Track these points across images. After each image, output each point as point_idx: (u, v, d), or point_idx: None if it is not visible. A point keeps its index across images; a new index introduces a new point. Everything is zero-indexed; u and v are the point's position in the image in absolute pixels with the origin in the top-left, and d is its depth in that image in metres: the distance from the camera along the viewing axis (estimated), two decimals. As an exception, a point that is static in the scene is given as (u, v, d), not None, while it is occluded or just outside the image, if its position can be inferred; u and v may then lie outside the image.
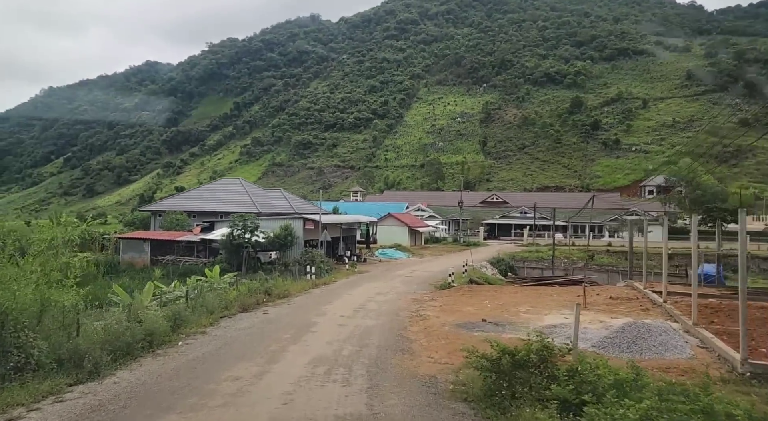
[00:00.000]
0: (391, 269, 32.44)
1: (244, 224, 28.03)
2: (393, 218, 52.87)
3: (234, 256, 28.74)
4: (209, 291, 17.25)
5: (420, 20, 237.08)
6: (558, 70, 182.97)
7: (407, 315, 16.46)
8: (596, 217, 68.63)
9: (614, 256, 46.25)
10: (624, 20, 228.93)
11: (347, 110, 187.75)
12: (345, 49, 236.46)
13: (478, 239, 63.40)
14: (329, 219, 33.85)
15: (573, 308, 10.66)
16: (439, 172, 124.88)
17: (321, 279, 25.65)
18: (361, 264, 35.69)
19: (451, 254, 44.29)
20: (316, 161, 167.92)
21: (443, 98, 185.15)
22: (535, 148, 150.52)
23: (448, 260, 38.98)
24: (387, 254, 42.50)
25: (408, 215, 59.50)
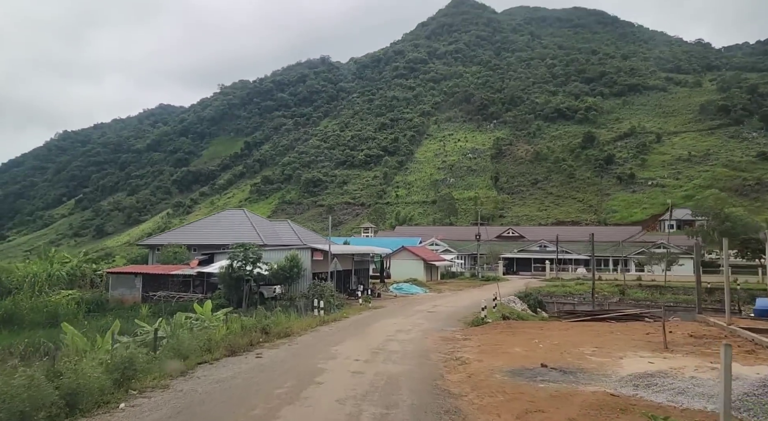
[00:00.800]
0: (409, 305, 29.46)
1: (244, 255, 25.15)
2: (407, 251, 49.81)
3: (233, 291, 25.74)
4: (189, 330, 13.93)
5: (429, 59, 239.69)
6: (568, 106, 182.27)
7: (440, 358, 13.36)
8: (620, 250, 64.97)
9: (647, 290, 42.65)
10: (632, 57, 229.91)
11: (357, 147, 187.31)
12: (355, 88, 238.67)
13: (497, 273, 59.90)
14: (340, 250, 30.86)
15: (651, 349, 7.53)
16: (452, 208, 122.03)
17: (331, 315, 22.75)
18: (375, 299, 32.62)
19: (472, 290, 41.02)
20: (326, 199, 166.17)
21: (453, 135, 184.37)
22: (548, 183, 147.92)
23: (469, 295, 35.84)
24: (402, 288, 39.32)
25: (423, 248, 56.44)
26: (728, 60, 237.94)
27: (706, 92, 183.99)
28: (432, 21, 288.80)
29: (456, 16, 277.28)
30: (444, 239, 71.46)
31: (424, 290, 40.04)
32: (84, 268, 32.88)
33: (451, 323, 20.69)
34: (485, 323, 19.43)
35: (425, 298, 35.30)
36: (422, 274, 48.30)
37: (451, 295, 37.22)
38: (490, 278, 53.43)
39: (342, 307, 25.08)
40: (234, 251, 25.87)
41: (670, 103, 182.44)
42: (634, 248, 64.05)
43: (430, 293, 39.06)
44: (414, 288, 39.50)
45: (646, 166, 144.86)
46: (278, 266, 27.10)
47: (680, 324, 20.27)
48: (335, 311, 23.39)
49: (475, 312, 22.52)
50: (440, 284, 47.33)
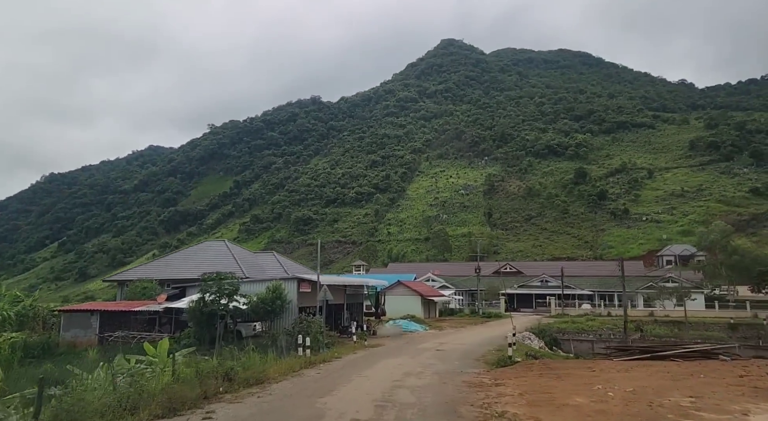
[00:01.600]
0: (411, 343, 26.23)
1: (218, 287, 21.21)
2: (404, 286, 46.33)
3: (205, 328, 21.64)
4: (129, 378, 10.12)
5: (419, 98, 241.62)
6: (559, 143, 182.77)
7: (476, 416, 9.77)
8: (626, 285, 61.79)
9: (665, 326, 39.34)
10: (619, 96, 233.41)
11: (348, 185, 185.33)
12: (345, 126, 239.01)
13: (499, 310, 56.31)
14: (330, 280, 27.27)
15: None
16: (446, 244, 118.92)
17: (319, 355, 19.16)
18: (370, 337, 28.99)
19: (476, 327, 37.61)
20: (317, 237, 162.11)
21: (445, 171, 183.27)
22: (541, 218, 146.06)
23: (475, 332, 32.54)
24: (400, 325, 35.78)
25: (420, 283, 52.94)
26: (712, 99, 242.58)
27: (693, 129, 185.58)
28: (421, 62, 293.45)
29: (445, 57, 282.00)
30: (440, 275, 68.03)
31: (423, 327, 36.45)
32: (38, 307, 28.88)
33: (469, 364, 17.37)
34: (514, 362, 15.96)
35: (426, 335, 31.99)
36: (420, 310, 44.68)
37: (454, 332, 33.99)
38: (491, 315, 49.91)
39: (332, 346, 21.47)
40: (206, 282, 21.68)
41: (659, 140, 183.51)
42: (639, 282, 60.91)
43: (431, 330, 35.46)
44: (413, 325, 35.88)
45: (640, 202, 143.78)
46: (258, 298, 23.43)
47: (760, 364, 16.87)
48: (325, 350, 19.80)
49: (493, 350, 19.34)
50: (440, 321, 43.70)
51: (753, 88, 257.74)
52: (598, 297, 59.66)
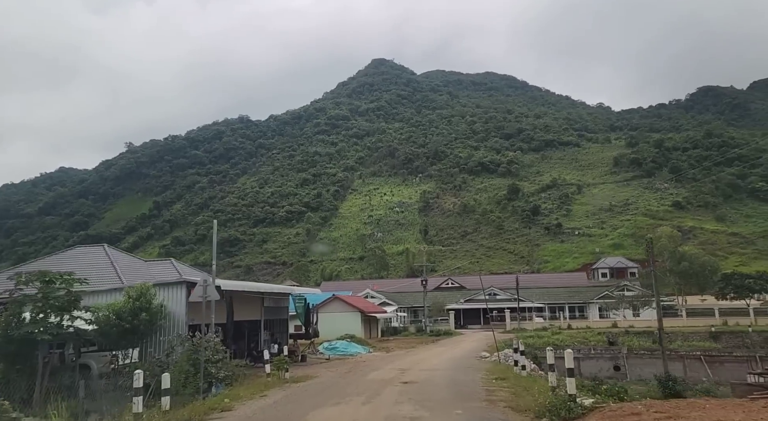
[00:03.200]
0: (357, 372, 19.30)
1: (44, 296, 12.81)
2: (341, 301, 39.53)
3: (21, 363, 13.07)
4: None
5: (351, 116, 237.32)
6: (491, 160, 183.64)
7: None
8: (574, 297, 58.05)
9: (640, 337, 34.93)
10: (544, 117, 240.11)
11: (278, 204, 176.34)
12: (275, 145, 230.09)
13: (448, 326, 50.48)
14: (236, 286, 19.54)
15: None
16: (382, 262, 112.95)
17: (196, 403, 11.81)
18: (297, 366, 22.05)
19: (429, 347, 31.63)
20: (245, 259, 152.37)
21: (379, 189, 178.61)
22: (477, 234, 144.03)
23: (432, 353, 26.67)
24: (337, 348, 28.89)
25: (360, 298, 46.21)
26: (628, 121, 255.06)
27: (616, 147, 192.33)
28: (352, 81, 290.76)
29: (376, 76, 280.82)
30: (380, 291, 61.64)
31: (366, 349, 29.83)
32: None
33: (482, 411, 10.48)
34: (585, 412, 8.56)
35: (373, 359, 25.39)
36: (360, 329, 38.00)
37: (406, 355, 27.65)
38: (440, 333, 44.08)
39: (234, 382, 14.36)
40: (18, 283, 13.04)
41: (584, 158, 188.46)
42: (590, 292, 57.34)
43: (376, 352, 28.96)
44: (353, 347, 29.18)
45: (572, 217, 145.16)
46: (111, 310, 14.93)
47: None
48: (216, 391, 12.49)
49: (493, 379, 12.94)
50: (384, 342, 37.20)
51: (663, 111, 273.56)
52: (548, 310, 55.48)
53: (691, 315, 44.51)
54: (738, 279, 41.41)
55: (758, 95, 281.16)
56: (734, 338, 34.02)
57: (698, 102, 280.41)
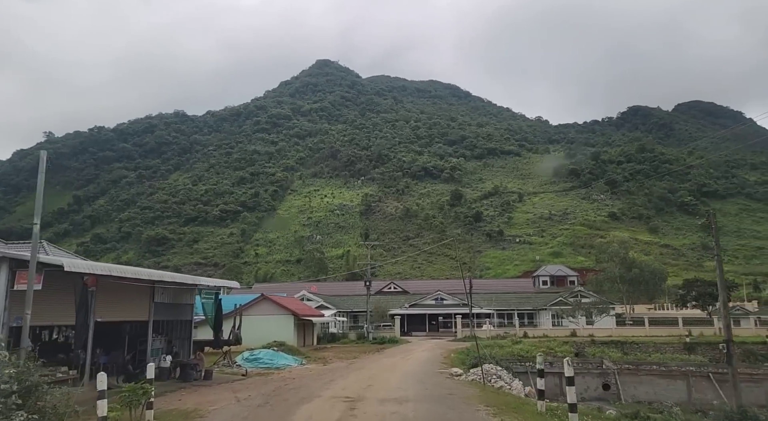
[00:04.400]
0: (276, 403, 12.68)
1: None
2: (270, 303, 34.06)
3: None
4: None
5: (293, 116, 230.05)
6: (434, 165, 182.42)
7: None
8: (524, 303, 55.20)
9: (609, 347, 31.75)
10: (486, 126, 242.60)
11: (212, 203, 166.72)
12: (211, 141, 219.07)
13: (393, 333, 45.99)
14: (94, 268, 13.16)
15: None
16: (321, 265, 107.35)
17: None
18: (195, 387, 16.44)
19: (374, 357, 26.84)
20: (173, 259, 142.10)
21: (320, 190, 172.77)
22: (419, 239, 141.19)
23: (380, 366, 21.75)
24: (260, 359, 23.52)
25: (294, 300, 40.79)
26: (564, 135, 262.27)
27: (555, 158, 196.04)
28: (295, 80, 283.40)
29: (320, 77, 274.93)
30: (318, 293, 56.41)
31: (297, 360, 24.57)
32: None
33: None
34: None
35: (305, 376, 19.50)
36: (292, 335, 32.66)
37: (349, 369, 22.13)
38: (385, 340, 39.61)
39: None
40: None
41: (525, 167, 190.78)
42: (540, 299, 54.70)
43: (310, 365, 23.77)
44: (281, 357, 23.79)
45: (513, 224, 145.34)
46: None
47: None
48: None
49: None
50: (320, 351, 32.11)
51: (597, 127, 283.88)
52: (496, 316, 52.30)
53: (654, 324, 42.34)
54: (701, 286, 39.48)
55: (682, 117, 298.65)
56: (711, 350, 31.47)
57: (628, 120, 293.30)
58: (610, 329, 39.93)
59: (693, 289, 40.66)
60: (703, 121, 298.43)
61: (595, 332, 38.73)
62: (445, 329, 53.34)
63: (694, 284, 41.43)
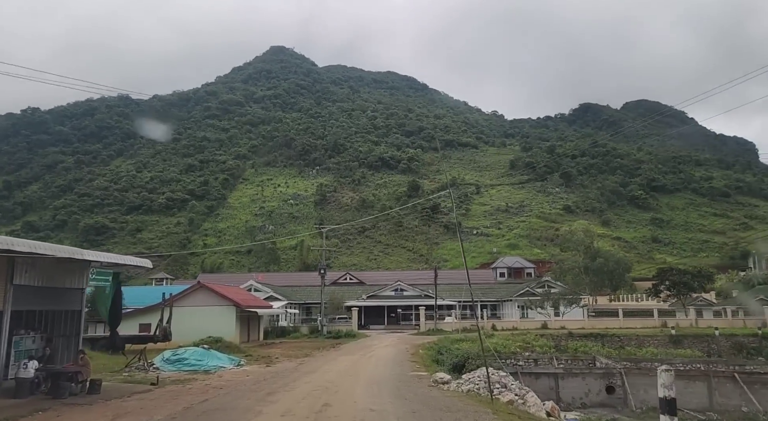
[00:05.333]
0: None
1: None
2: (208, 292, 29.33)
3: None
4: None
5: (245, 102, 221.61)
6: (392, 156, 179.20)
7: None
8: (488, 294, 52.48)
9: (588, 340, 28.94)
10: (443, 118, 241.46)
11: (157, 190, 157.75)
12: (158, 127, 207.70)
13: (350, 327, 42.13)
14: None
15: None
16: (273, 255, 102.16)
17: None
18: (66, 406, 11.57)
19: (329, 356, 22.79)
20: (113, 249, 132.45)
21: (273, 180, 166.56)
22: (375, 231, 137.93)
23: (337, 368, 17.75)
24: (185, 360, 19.07)
25: (238, 289, 36.10)
26: (519, 129, 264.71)
27: (511, 151, 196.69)
28: (248, 66, 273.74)
29: (274, 63, 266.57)
30: (267, 283, 51.80)
31: (233, 360, 20.16)
32: None
33: None
34: None
35: (239, 385, 15.24)
36: (233, 329, 28.21)
37: (298, 372, 17.90)
38: (340, 335, 35.80)
39: None
40: None
41: (482, 159, 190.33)
42: (505, 290, 52.11)
43: (250, 366, 19.71)
44: (213, 357, 19.41)
45: (470, 216, 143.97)
46: None
47: None
48: None
49: None
50: (266, 347, 27.85)
51: (550, 123, 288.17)
52: (459, 307, 49.35)
53: (628, 316, 40.18)
54: (676, 275, 37.42)
55: (630, 114, 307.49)
56: (699, 342, 29.30)
57: (579, 117, 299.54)
58: (581, 321, 37.63)
59: (667, 278, 38.52)
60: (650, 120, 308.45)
61: (567, 323, 36.24)
62: (406, 321, 50.05)
63: (668, 273, 39.36)
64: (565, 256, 63.33)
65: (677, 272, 37.56)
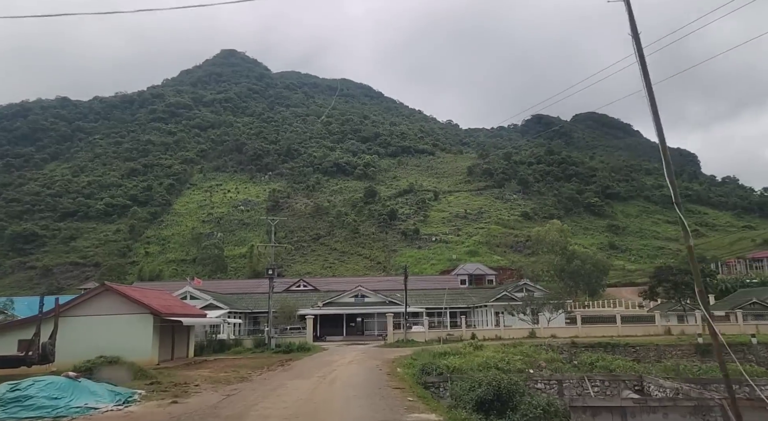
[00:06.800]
0: None
1: None
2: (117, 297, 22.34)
3: None
4: None
5: (194, 105, 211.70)
6: (347, 161, 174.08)
7: None
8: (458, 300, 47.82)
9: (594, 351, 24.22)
10: (400, 125, 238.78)
11: (95, 196, 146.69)
12: (98, 129, 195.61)
13: (304, 338, 36.31)
14: None
15: None
16: (219, 263, 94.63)
17: None
18: None
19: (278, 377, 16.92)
20: (43, 258, 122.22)
21: (222, 185, 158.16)
22: (331, 238, 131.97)
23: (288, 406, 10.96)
24: (29, 398, 12.23)
25: (159, 293, 29.22)
26: (474, 138, 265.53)
27: (468, 158, 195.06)
28: (198, 69, 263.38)
29: (225, 67, 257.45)
30: (206, 290, 45.24)
31: (119, 394, 13.84)
32: None
33: None
34: None
35: None
36: (149, 344, 21.66)
37: (215, 417, 11.31)
38: (292, 348, 30.15)
39: None
40: None
41: (440, 166, 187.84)
42: (474, 295, 47.54)
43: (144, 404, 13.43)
44: (80, 393, 12.02)
45: (429, 223, 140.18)
46: None
47: None
48: None
49: None
50: (192, 368, 21.58)
51: (503, 133, 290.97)
52: (425, 315, 44.46)
53: (626, 322, 35.79)
54: (677, 274, 33.47)
55: (579, 126, 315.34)
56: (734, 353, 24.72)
57: (532, 128, 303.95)
58: (575, 329, 33.29)
59: (666, 278, 34.51)
60: (598, 131, 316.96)
61: (558, 331, 31.79)
62: (369, 331, 44.70)
63: (667, 272, 35.45)
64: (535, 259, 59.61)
65: (678, 271, 33.76)
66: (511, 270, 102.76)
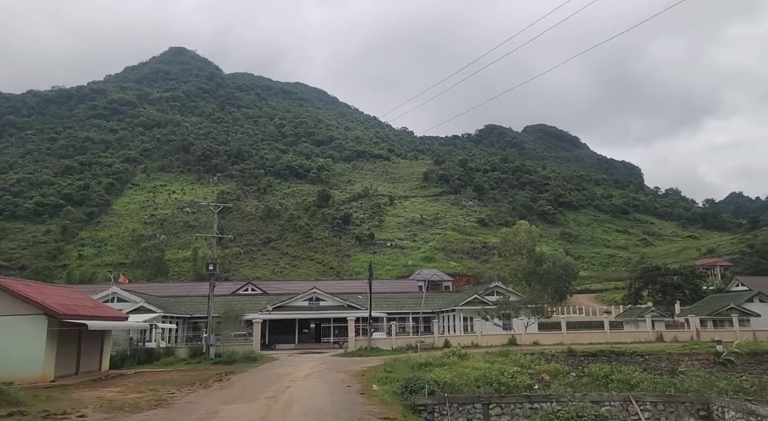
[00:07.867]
0: None
1: None
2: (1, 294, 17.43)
3: None
4: None
5: (138, 103, 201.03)
6: (300, 164, 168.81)
7: None
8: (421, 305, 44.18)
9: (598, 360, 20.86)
10: (354, 129, 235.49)
11: (25, 194, 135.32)
12: (30, 124, 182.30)
13: (250, 346, 31.58)
14: None
15: None
16: (160, 267, 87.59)
17: None
18: None
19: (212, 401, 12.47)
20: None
21: (167, 186, 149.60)
22: (282, 242, 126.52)
23: None
24: None
25: (63, 290, 23.55)
26: (429, 146, 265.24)
27: (424, 164, 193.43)
28: (144, 66, 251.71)
29: (173, 65, 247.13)
30: (137, 292, 39.58)
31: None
32: None
33: None
34: None
35: None
36: (40, 354, 16.37)
37: None
38: (235, 358, 25.62)
39: None
40: None
41: (395, 171, 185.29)
42: (440, 299, 44.07)
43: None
44: None
45: (384, 228, 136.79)
46: None
47: None
48: None
49: None
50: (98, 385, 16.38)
51: (458, 141, 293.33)
52: (386, 320, 40.62)
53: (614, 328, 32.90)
54: (666, 275, 30.68)
55: (530, 137, 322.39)
56: (759, 364, 21.72)
57: (485, 137, 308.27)
58: (559, 335, 30.16)
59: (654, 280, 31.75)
60: (548, 143, 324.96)
61: (540, 338, 28.59)
62: (326, 338, 40.39)
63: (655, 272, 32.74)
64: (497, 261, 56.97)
65: (666, 271, 31.06)
66: (467, 276, 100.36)
